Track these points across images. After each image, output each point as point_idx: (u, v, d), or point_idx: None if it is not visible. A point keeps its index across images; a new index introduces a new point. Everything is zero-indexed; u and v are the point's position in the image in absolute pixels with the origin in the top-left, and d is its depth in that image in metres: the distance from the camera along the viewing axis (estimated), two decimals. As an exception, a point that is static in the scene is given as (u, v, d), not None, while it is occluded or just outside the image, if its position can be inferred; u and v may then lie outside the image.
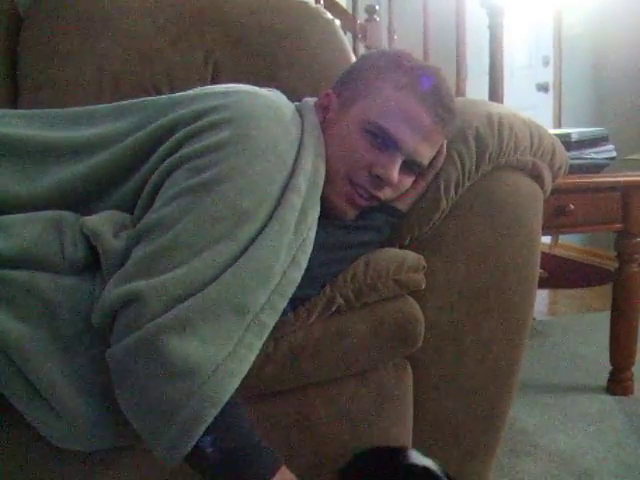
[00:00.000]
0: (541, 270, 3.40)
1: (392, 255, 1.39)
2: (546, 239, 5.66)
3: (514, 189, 1.52)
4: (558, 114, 5.63)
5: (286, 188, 1.23)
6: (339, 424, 1.42)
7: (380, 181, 1.35)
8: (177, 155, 1.23)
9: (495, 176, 1.50)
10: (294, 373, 1.33)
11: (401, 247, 1.45)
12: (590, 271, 4.72)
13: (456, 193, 1.45)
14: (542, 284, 3.90)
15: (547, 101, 5.73)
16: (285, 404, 1.39)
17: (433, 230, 1.46)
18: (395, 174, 1.35)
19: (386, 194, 1.39)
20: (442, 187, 1.43)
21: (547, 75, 5.76)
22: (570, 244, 5.52)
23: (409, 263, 1.37)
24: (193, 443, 1.07)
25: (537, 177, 1.55)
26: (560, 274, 4.70)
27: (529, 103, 5.53)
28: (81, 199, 1.30)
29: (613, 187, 2.32)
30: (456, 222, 1.47)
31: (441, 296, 1.47)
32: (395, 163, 1.35)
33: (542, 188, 1.58)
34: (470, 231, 1.48)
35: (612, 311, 2.48)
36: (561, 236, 5.65)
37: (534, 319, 3.57)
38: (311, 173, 1.28)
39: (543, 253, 5.35)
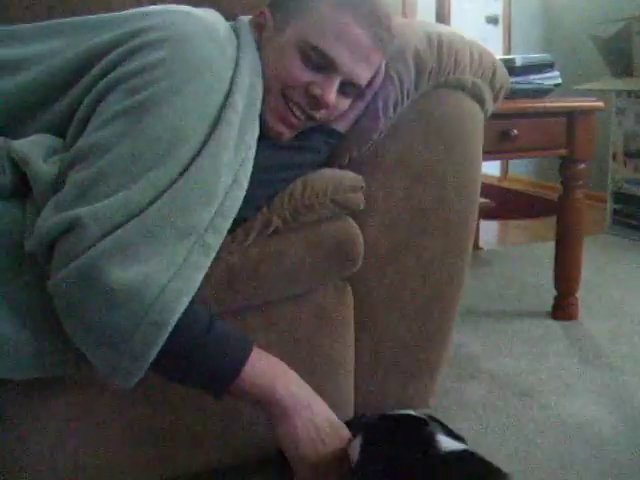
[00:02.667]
0: (488, 200, 3.42)
1: (330, 175, 1.37)
2: (495, 171, 5.70)
3: (454, 109, 1.51)
4: (508, 47, 5.62)
5: (223, 107, 1.20)
6: (279, 348, 1.41)
7: (317, 101, 1.32)
8: (111, 76, 1.18)
9: (435, 96, 1.48)
10: (232, 295, 1.32)
11: (340, 168, 1.43)
12: (538, 203, 4.76)
13: (395, 113, 1.43)
14: (491, 215, 3.97)
15: (497, 34, 5.71)
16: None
17: (372, 150, 1.44)
18: (332, 95, 1.32)
19: (322, 115, 1.36)
20: (381, 107, 1.41)
21: (496, 7, 5.73)
22: (519, 177, 5.56)
23: (347, 183, 1.36)
24: (147, 367, 1.07)
25: (477, 97, 1.53)
26: (509, 206, 4.73)
27: (478, 36, 5.48)
28: (7, 119, 1.26)
29: (558, 113, 2.32)
30: (395, 142, 1.46)
31: (380, 216, 1.45)
32: (332, 84, 1.32)
33: (483, 108, 1.56)
34: (410, 151, 1.47)
35: (557, 238, 2.49)
36: (510, 169, 5.70)
37: (482, 249, 3.60)
38: (248, 91, 1.25)
39: (492, 185, 5.42)
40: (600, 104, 2.36)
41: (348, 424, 1.48)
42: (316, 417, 1.19)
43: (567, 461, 1.61)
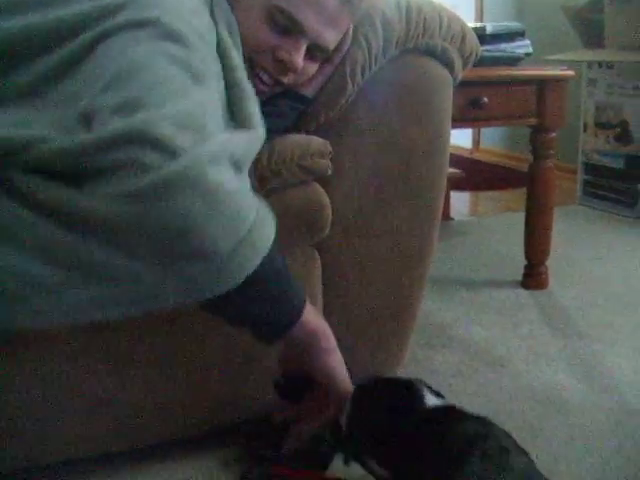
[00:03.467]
0: (459, 170, 3.42)
1: (297, 141, 1.35)
2: (466, 142, 5.70)
3: (423, 74, 1.49)
4: (480, 16, 5.60)
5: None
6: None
7: (284, 66, 1.30)
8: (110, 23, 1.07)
9: (403, 61, 1.47)
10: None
11: (308, 134, 1.41)
12: (509, 174, 4.77)
13: (363, 78, 1.41)
14: (462, 186, 3.97)
15: (468, 2, 5.69)
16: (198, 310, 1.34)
17: (340, 116, 1.42)
18: (299, 59, 1.31)
19: (290, 80, 1.34)
20: (348, 71, 1.39)
21: (469, -25, 5.72)
22: (490, 148, 5.57)
23: (314, 148, 1.34)
24: (231, 286, 1.01)
25: (447, 62, 1.52)
26: (480, 177, 4.74)
27: (450, 4, 5.46)
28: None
29: (528, 81, 2.31)
30: (363, 107, 1.44)
31: (348, 183, 1.44)
32: (299, 48, 1.30)
33: (452, 74, 1.54)
34: (378, 117, 1.45)
35: (527, 207, 2.50)
36: (482, 140, 5.70)
37: (453, 219, 3.61)
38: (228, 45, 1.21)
39: (463, 157, 5.42)
40: (571, 73, 2.36)
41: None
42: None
43: (537, 428, 1.61)
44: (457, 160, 4.75)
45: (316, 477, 1.41)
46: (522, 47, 2.38)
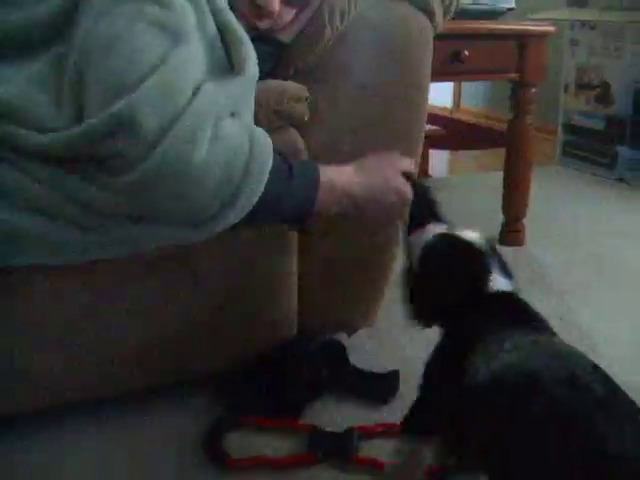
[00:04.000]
0: (439, 128, 3.40)
1: (273, 86, 1.33)
2: (447, 102, 5.68)
3: (402, 21, 1.47)
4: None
5: None
6: (221, 267, 1.39)
7: (260, 10, 1.29)
8: None
9: (383, 7, 1.46)
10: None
11: (285, 79, 1.39)
12: (489, 134, 4.75)
13: (342, 22, 1.39)
14: (442, 145, 3.96)
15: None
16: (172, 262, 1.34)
17: (318, 61, 1.40)
18: (276, 4, 1.30)
19: (266, 25, 1.32)
20: (327, 15, 1.37)
21: None
22: (471, 108, 5.55)
23: (290, 93, 1.32)
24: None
25: (426, 9, 1.50)
26: (460, 136, 4.73)
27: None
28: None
29: (509, 36, 2.29)
30: (342, 53, 1.42)
31: (326, 128, 1.42)
32: None
33: (432, 22, 1.52)
34: (356, 62, 1.43)
35: (506, 162, 2.49)
36: (462, 100, 5.67)
37: (431, 176, 3.60)
38: None
39: (443, 116, 5.38)
40: (550, 29, 2.34)
41: (294, 340, 1.50)
42: None
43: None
44: (437, 119, 4.72)
45: (286, 424, 1.42)
46: (504, 1, 2.36)
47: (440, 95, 5.35)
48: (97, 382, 1.39)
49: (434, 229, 1.22)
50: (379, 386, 1.55)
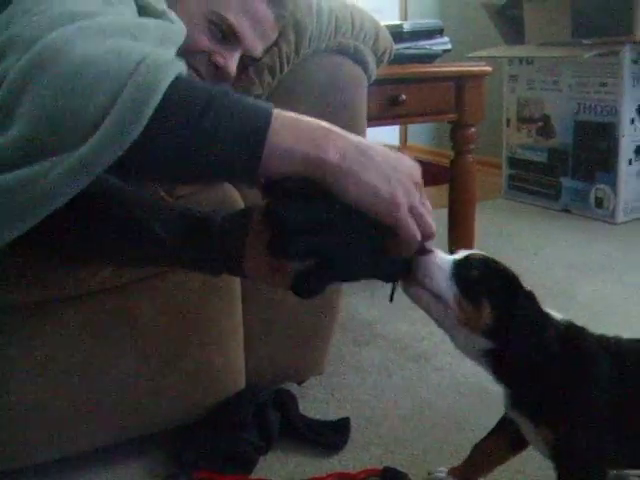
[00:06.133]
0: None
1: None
2: (394, 140, 5.74)
3: (336, 73, 1.50)
4: (404, 16, 5.64)
5: None
6: (167, 318, 1.39)
7: (217, 71, 1.32)
8: None
9: (316, 61, 1.49)
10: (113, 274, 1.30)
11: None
12: (436, 170, 4.80)
13: (273, 79, 1.42)
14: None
15: (392, 3, 5.73)
16: (107, 301, 1.33)
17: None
18: (234, 66, 1.34)
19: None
20: (252, 70, 1.41)
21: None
22: (417, 145, 5.61)
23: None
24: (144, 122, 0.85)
25: (360, 61, 1.54)
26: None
27: (375, 6, 5.48)
28: None
29: (446, 77, 2.34)
30: (277, 107, 1.43)
31: (263, 183, 1.43)
32: (234, 56, 1.33)
33: (366, 73, 1.56)
34: (292, 116, 1.44)
35: (450, 201, 2.53)
36: (409, 137, 5.74)
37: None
38: None
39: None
40: (488, 68, 2.39)
41: (242, 392, 1.49)
42: None
43: (462, 420, 1.64)
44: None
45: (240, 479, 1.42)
46: (441, 44, 2.41)
47: (387, 133, 5.40)
48: (41, 444, 1.37)
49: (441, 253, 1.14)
50: (330, 434, 1.56)
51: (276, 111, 0.93)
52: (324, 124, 0.97)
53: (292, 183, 0.92)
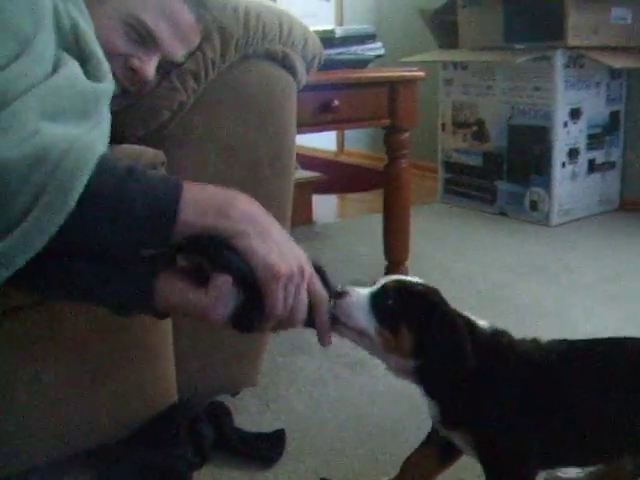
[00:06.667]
0: (319, 174, 3.43)
1: (128, 152, 1.28)
2: (331, 145, 5.74)
3: (264, 79, 1.48)
4: (340, 22, 5.65)
5: None
6: (95, 337, 1.35)
7: (134, 75, 1.28)
8: None
9: (244, 67, 1.46)
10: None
11: (147, 143, 1.36)
12: (374, 175, 4.81)
13: (198, 85, 1.38)
14: (326, 189, 3.98)
15: (328, 9, 5.74)
16: (30, 316, 1.29)
17: (180, 123, 1.39)
18: (152, 71, 1.30)
19: (136, 90, 1.31)
20: (175, 76, 1.37)
21: (327, -17, 5.76)
22: (354, 150, 5.62)
23: (145, 159, 1.28)
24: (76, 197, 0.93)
25: (288, 67, 1.51)
26: (344, 179, 4.77)
27: (310, 11, 5.50)
28: None
29: (379, 83, 2.32)
30: (204, 115, 1.41)
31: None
32: (152, 60, 1.30)
33: (295, 79, 1.54)
34: (219, 124, 1.43)
35: (384, 206, 2.51)
36: (346, 143, 5.75)
37: (315, 222, 3.61)
38: None
39: (328, 160, 5.43)
40: (420, 73, 2.39)
41: (175, 407, 1.46)
42: None
43: (398, 428, 1.63)
44: (321, 163, 4.76)
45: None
46: (373, 49, 2.40)
47: (324, 139, 5.40)
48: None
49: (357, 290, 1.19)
50: (265, 447, 1.53)
51: (185, 187, 1.02)
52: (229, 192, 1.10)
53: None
